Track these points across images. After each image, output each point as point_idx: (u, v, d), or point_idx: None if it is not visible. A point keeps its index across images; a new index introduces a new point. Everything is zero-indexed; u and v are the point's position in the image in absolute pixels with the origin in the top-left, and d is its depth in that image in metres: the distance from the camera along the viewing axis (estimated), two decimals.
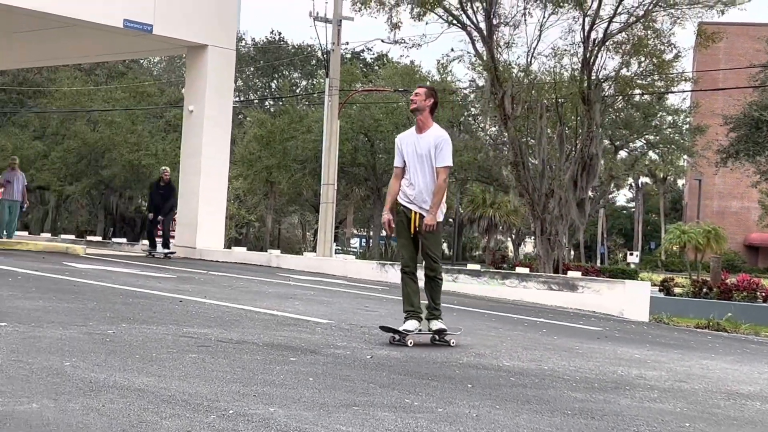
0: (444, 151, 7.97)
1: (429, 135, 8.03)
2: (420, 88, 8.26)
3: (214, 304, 10.05)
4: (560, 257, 26.10)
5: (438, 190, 7.95)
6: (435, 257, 8.04)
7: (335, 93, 28.24)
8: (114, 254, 21.81)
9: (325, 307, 11.00)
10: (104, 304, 9.10)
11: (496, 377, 6.60)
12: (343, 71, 35.70)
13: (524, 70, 26.75)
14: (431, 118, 8.14)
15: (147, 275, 14.10)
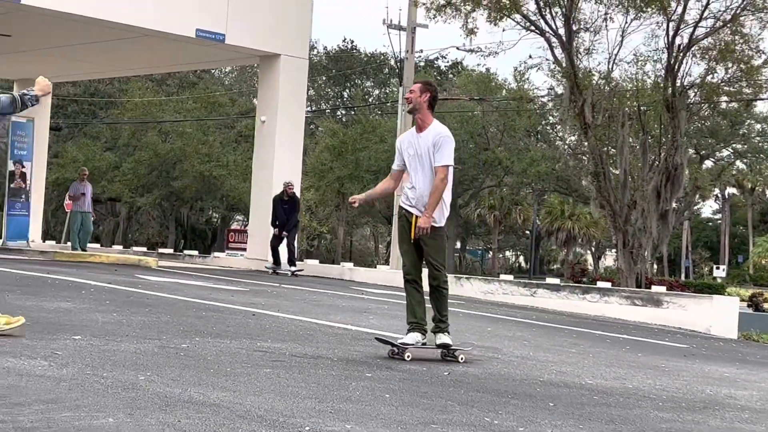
0: (443, 148, 7.60)
1: (428, 133, 7.68)
2: (414, 84, 7.94)
3: (287, 318, 10.13)
4: (643, 271, 25.76)
5: (434, 190, 7.56)
6: (437, 264, 7.65)
7: None
8: (185, 267, 22.11)
9: (400, 322, 10.99)
10: (177, 317, 9.23)
11: (578, 395, 6.53)
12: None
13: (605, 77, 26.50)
14: (431, 114, 7.77)
15: (219, 288, 14.26)
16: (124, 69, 28.85)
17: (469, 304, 16.38)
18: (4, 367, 5.59)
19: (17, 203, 24.41)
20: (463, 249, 68.51)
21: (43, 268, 15.59)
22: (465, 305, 15.76)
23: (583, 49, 26.14)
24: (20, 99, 6.96)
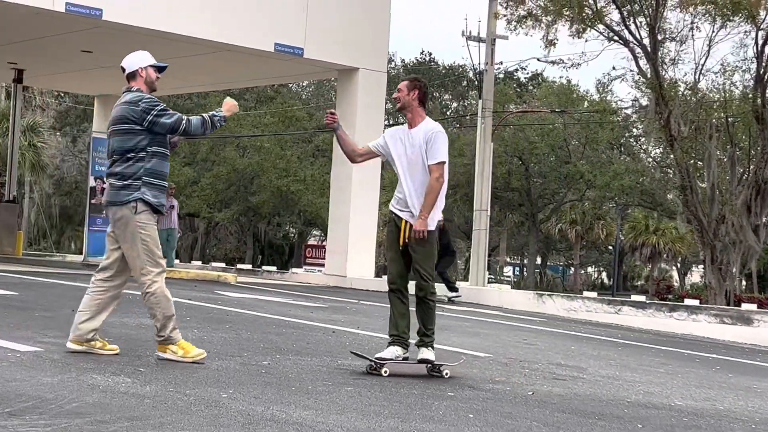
0: (436, 144, 7.25)
1: (419, 130, 7.37)
2: (401, 82, 7.59)
3: (367, 335, 10.16)
4: (731, 288, 25.28)
5: (430, 190, 7.18)
6: (425, 274, 7.26)
7: (488, 115, 28.23)
8: (264, 282, 22.32)
9: (481, 340, 10.97)
10: (258, 334, 9.33)
11: (668, 417, 6.44)
12: (496, 92, 35.68)
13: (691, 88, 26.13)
14: (423, 110, 7.47)
15: (298, 304, 14.37)
16: (202, 84, 29.32)
17: (551, 321, 16.24)
18: (89, 384, 5.71)
19: (98, 219, 24.95)
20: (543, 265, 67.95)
21: None
22: (547, 323, 15.64)
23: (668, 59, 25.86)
24: (210, 120, 7.08)
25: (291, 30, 22.48)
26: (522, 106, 50.31)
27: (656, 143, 40.80)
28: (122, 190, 6.94)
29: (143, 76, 7.13)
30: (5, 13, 20.26)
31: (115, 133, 6.96)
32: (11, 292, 12.22)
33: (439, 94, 62.17)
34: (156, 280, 6.95)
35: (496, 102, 34.95)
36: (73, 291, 13.71)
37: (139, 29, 20.57)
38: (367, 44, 23.63)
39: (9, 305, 10.41)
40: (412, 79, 7.56)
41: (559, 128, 47.96)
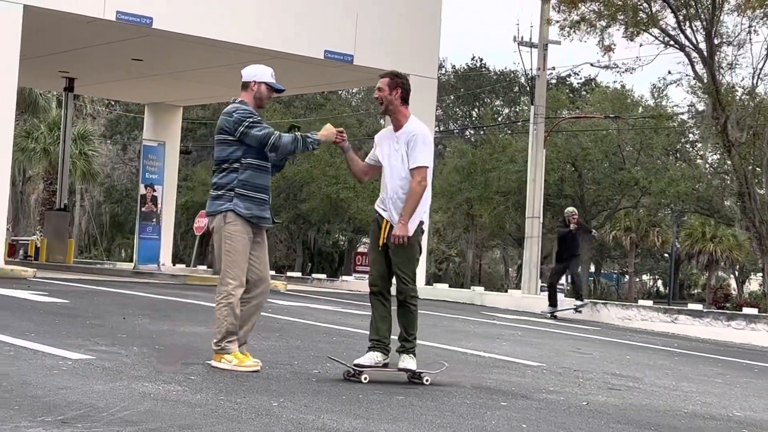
0: (416, 148, 6.99)
1: (403, 132, 7.09)
2: (381, 79, 7.21)
3: (418, 344, 10.14)
4: None
5: (411, 194, 6.96)
6: (405, 277, 7.09)
7: (540, 121, 28.12)
8: (314, 290, 22.41)
9: (534, 349, 10.92)
10: (308, 342, 9.37)
11: (726, 428, 6.36)
12: (549, 97, 35.49)
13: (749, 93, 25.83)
14: (406, 109, 7.13)
15: (348, 312, 14.42)
16: None
17: (606, 330, 16.13)
18: (141, 392, 5.77)
19: (148, 227, 25.20)
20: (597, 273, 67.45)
21: (174, 292, 16.03)
22: (602, 332, 15.53)
23: (725, 63, 25.59)
24: (302, 140, 7.12)
25: (341, 37, 22.57)
26: (575, 111, 50.04)
27: (713, 149, 40.37)
28: (216, 200, 7.08)
29: (254, 90, 7.20)
30: (56, 21, 20.57)
31: (215, 143, 7.14)
32: (62, 300, 12.39)
33: (491, 100, 62.02)
34: (233, 293, 6.98)
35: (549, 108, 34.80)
36: (124, 299, 13.87)
37: (189, 37, 20.78)
38: (417, 50, 23.64)
39: (60, 313, 10.55)
40: (392, 75, 7.20)
41: (613, 134, 47.61)
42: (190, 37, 20.74)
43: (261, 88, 7.19)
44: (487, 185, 48.21)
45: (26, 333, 8.24)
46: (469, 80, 60.64)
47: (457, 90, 60.65)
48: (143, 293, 15.33)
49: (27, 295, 12.72)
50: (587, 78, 59.56)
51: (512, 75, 58.89)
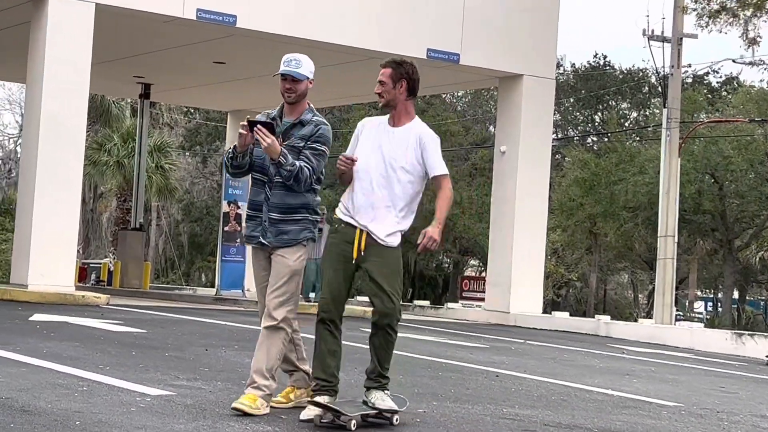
0: (436, 153, 6.88)
1: (409, 130, 6.83)
2: (384, 68, 6.89)
3: (535, 380, 10.10)
4: None
5: (448, 201, 6.90)
6: (393, 293, 6.77)
7: (674, 126, 27.75)
8: (416, 319, 22.42)
9: (670, 387, 10.76)
10: (410, 377, 9.37)
11: None
12: (684, 99, 35.02)
13: None
14: (412, 106, 6.89)
15: (455, 344, 14.40)
16: (346, 96, 29.73)
17: (753, 366, 15.82)
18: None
19: (232, 248, 25.50)
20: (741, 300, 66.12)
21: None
22: (749, 368, 15.24)
23: None
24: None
25: (445, 34, 22.61)
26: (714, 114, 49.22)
27: None
28: None
29: None
30: (131, 22, 21.04)
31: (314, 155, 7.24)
32: (138, 330, 12.62)
33: (616, 103, 61.48)
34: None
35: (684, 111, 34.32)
36: (205, 328, 14.07)
37: (275, 37, 21.02)
38: (533, 48, 23.55)
39: (136, 344, 10.75)
40: (394, 65, 6.89)
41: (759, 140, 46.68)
42: (277, 36, 21.01)
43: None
44: (612, 200, 47.70)
45: (100, 366, 8.41)
46: (591, 80, 60.18)
47: (578, 92, 60.22)
48: (227, 322, 15.54)
49: (100, 324, 12.99)
50: (728, 76, 58.58)
51: (641, 74, 58.27)
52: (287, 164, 6.82)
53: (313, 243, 7.11)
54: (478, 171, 52.08)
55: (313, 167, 6.94)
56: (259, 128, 6.80)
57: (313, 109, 7.18)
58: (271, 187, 6.98)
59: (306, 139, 6.98)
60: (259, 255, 7.10)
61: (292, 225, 6.98)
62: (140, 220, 30.44)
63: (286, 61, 7.06)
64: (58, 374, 7.78)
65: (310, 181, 6.93)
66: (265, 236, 6.99)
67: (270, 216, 6.98)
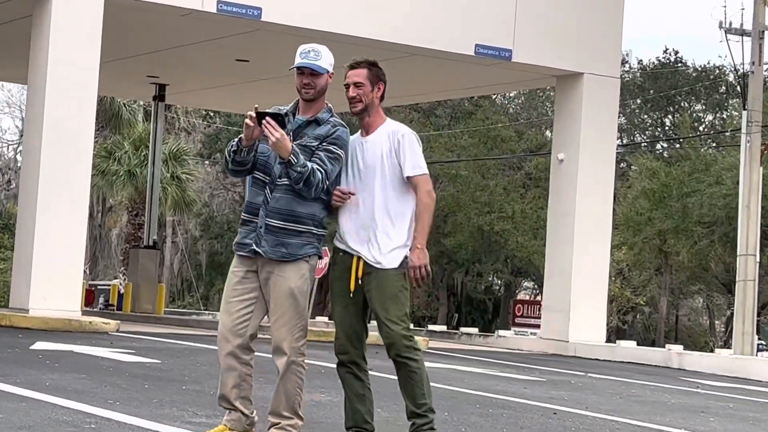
0: (412, 149, 6.88)
1: (379, 134, 6.95)
2: (355, 69, 7.03)
3: (599, 418, 10.06)
4: None
5: (423, 208, 6.83)
6: (396, 320, 6.78)
7: (756, 130, 27.58)
8: (462, 348, 22.39)
9: (752, 427, 10.69)
10: (457, 414, 9.37)
11: None
12: (766, 100, 34.82)
13: None
14: (380, 109, 7.07)
15: (507, 377, 14.36)
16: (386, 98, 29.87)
17: None
18: None
19: None
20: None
21: None
22: None
23: None
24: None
25: (496, 28, 22.58)
26: None
27: None
28: None
29: None
30: (144, 16, 21.18)
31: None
32: (152, 360, 12.67)
33: (689, 104, 61.18)
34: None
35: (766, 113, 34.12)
36: None
37: (305, 32, 21.04)
38: (594, 42, 23.49)
39: (150, 376, 10.80)
40: (370, 65, 7.09)
41: None
42: (307, 31, 21.02)
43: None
44: (685, 214, 47.44)
45: (109, 401, 8.45)
46: (660, 79, 59.94)
47: (645, 92, 59.98)
48: None
49: (109, 354, 13.05)
50: None
51: (717, 71, 57.98)
52: (298, 164, 6.68)
53: (318, 260, 6.91)
54: (532, 181, 51.92)
55: (326, 171, 6.79)
56: (268, 121, 6.70)
57: (331, 109, 7.09)
58: (272, 189, 6.83)
59: (321, 140, 6.87)
60: (244, 264, 6.89)
61: (294, 237, 6.80)
62: (154, 236, 30.61)
63: (303, 52, 6.96)
64: (63, 410, 7.82)
65: (322, 186, 6.78)
66: (258, 244, 6.82)
67: (267, 222, 6.80)
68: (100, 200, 47.84)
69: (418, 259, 6.79)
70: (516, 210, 49.37)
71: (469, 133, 53.05)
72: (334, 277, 6.95)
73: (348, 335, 6.85)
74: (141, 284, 28.64)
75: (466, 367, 15.89)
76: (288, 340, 6.80)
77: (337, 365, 6.92)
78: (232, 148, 6.92)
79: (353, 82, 6.98)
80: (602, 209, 23.81)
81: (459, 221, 50.47)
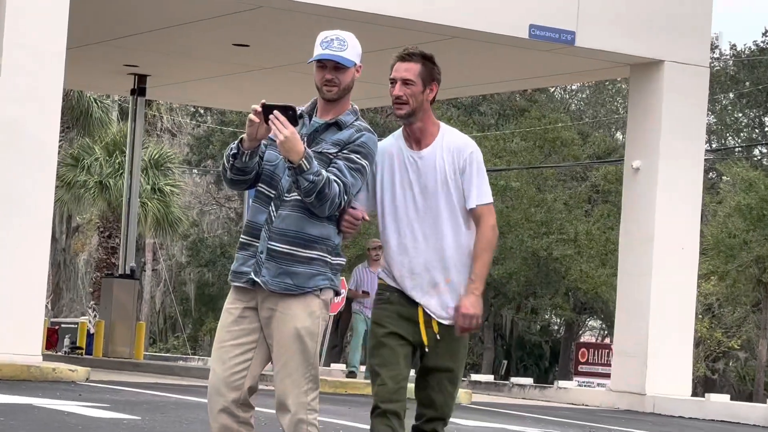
0: (480, 174, 6.89)
1: (440, 148, 6.91)
2: (406, 61, 6.97)
3: None
4: None
5: (486, 245, 6.82)
6: (452, 393, 6.96)
7: None
8: (514, 403, 22.34)
9: None
10: None
11: None
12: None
13: None
14: (431, 111, 6.97)
15: None
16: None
17: None
18: None
19: None
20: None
21: None
22: None
23: None
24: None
25: (555, 7, 22.57)
26: None
27: None
28: None
29: None
30: None
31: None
32: (131, 416, 12.68)
33: None
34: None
35: None
36: None
37: (321, 9, 21.03)
38: (677, 25, 23.46)
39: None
40: (422, 59, 7.01)
41: None
42: (321, 8, 21.04)
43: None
44: None
45: None
46: (758, 69, 59.83)
47: (740, 84, 59.90)
48: None
49: (77, 408, 13.06)
50: None
51: None
52: (310, 171, 6.51)
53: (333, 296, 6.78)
54: (600, 195, 51.87)
55: (345, 184, 6.65)
56: (276, 116, 6.54)
57: (357, 110, 6.96)
58: (278, 206, 6.71)
59: (341, 146, 6.75)
60: (241, 298, 6.79)
61: (302, 265, 6.69)
62: (131, 263, 30.62)
63: (325, 41, 6.86)
64: None
65: (339, 201, 6.62)
66: (259, 273, 6.72)
67: (270, 246, 6.69)
68: (65, 218, 47.92)
69: (472, 307, 6.77)
70: (580, 231, 49.26)
71: (521, 134, 52.98)
72: (382, 316, 6.95)
73: (398, 382, 6.84)
74: (115, 322, 28.65)
75: (520, 426, 15.87)
76: (294, 394, 6.70)
77: (374, 415, 6.86)
78: (231, 151, 6.74)
79: (401, 77, 6.92)
80: (687, 230, 23.75)
81: (509, 245, 50.36)
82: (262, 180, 6.79)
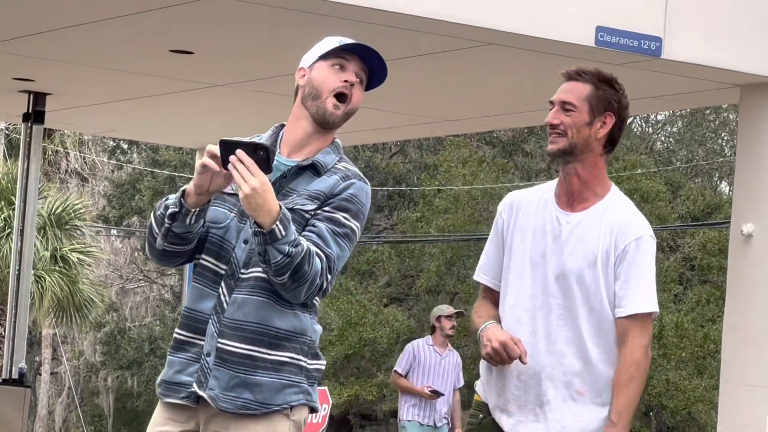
0: (645, 270, 6.91)
1: (601, 217, 6.98)
2: (573, 81, 7.18)
3: None
4: None
5: (638, 370, 6.85)
6: None
7: None
8: None
9: None
10: None
11: None
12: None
13: None
14: (605, 164, 7.11)
15: None
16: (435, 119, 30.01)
17: None
18: None
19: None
20: None
21: None
22: None
23: None
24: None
25: (633, 5, 22.76)
26: None
27: None
28: None
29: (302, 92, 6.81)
30: None
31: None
32: None
33: None
34: None
35: None
36: None
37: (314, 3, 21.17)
38: None
39: None
40: (595, 80, 7.20)
41: None
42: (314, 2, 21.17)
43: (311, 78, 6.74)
44: None
45: None
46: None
47: None
48: None
49: None
50: None
51: None
52: (286, 240, 6.22)
53: (307, 414, 6.62)
54: (696, 273, 52.08)
55: (329, 258, 6.43)
56: (240, 157, 6.21)
57: (340, 147, 6.78)
58: (231, 288, 6.50)
59: (323, 201, 6.53)
60: (175, 418, 6.61)
61: (267, 373, 6.48)
62: (20, 363, 30.74)
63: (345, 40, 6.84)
64: None
65: (321, 282, 6.41)
66: (204, 385, 6.52)
67: (222, 345, 6.49)
68: None
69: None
70: (666, 324, 49.50)
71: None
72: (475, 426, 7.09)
73: None
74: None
75: None
76: None
77: None
78: (167, 210, 6.45)
79: (561, 100, 7.21)
80: None
81: None
82: (207, 250, 6.59)
